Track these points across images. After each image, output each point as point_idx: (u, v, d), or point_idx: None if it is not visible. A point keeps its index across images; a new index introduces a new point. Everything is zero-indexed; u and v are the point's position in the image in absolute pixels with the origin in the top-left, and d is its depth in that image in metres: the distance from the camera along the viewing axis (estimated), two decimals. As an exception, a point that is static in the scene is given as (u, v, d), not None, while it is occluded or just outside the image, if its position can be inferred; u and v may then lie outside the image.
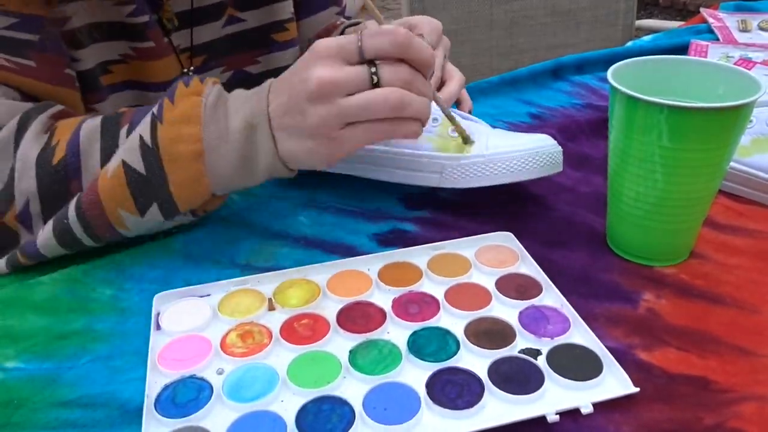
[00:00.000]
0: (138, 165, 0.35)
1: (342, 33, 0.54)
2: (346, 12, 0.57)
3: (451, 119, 0.41)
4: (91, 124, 0.37)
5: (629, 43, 0.77)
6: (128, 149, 0.35)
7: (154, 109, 0.36)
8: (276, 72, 0.52)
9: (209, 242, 0.41)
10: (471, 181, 0.41)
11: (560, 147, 0.43)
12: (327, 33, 0.55)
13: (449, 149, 0.42)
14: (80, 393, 0.30)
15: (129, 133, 0.36)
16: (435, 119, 0.42)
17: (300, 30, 0.54)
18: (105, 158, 0.36)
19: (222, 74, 0.50)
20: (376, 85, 0.32)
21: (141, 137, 0.35)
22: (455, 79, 0.47)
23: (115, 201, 0.35)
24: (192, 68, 0.48)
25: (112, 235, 0.37)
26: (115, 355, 0.32)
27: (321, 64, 0.32)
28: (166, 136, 0.34)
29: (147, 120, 0.35)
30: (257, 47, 0.51)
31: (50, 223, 0.37)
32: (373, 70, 0.32)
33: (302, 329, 0.32)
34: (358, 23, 0.55)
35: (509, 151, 0.41)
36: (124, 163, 0.35)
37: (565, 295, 0.34)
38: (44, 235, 0.37)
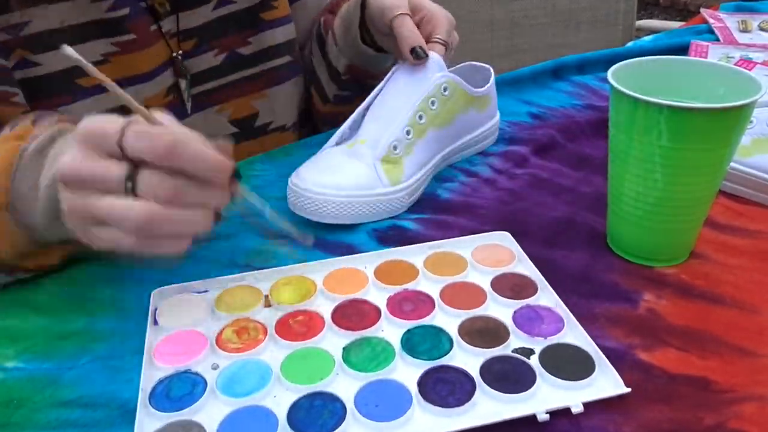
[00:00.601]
0: None
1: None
2: None
3: (276, 222, 0.32)
4: None
5: (629, 44, 0.77)
6: None
7: None
8: (268, 51, 0.52)
9: (209, 242, 0.41)
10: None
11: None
12: (336, 5, 0.53)
13: None
14: (80, 393, 0.30)
15: None
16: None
17: (294, 11, 0.54)
18: None
19: (216, 57, 0.50)
20: (133, 191, 0.27)
21: None
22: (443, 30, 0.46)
23: None
24: (180, 52, 0.47)
25: None
26: (115, 355, 0.32)
27: (76, 149, 0.28)
28: None
29: None
30: (247, 28, 0.51)
31: None
32: (129, 180, 0.27)
33: (297, 326, 0.33)
34: None
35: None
36: None
37: (565, 295, 0.34)
38: None
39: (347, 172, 0.41)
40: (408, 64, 0.45)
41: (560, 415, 0.28)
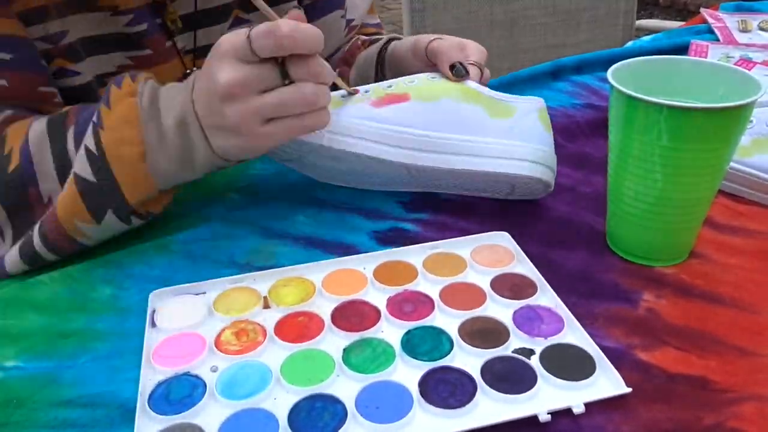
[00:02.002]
0: (87, 174, 0.36)
1: (367, 46, 0.54)
2: (354, 16, 0.57)
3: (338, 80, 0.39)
4: (38, 129, 0.38)
5: (629, 44, 0.77)
6: (78, 160, 0.36)
7: (94, 117, 0.36)
8: None
9: (209, 241, 0.41)
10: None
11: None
12: (351, 55, 0.55)
13: None
14: (80, 392, 0.30)
15: (75, 134, 0.37)
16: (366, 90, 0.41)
17: None
18: (57, 162, 0.37)
19: None
20: (290, 82, 0.33)
21: (86, 147, 0.36)
22: (476, 59, 0.45)
23: (71, 214, 0.36)
24: (195, 68, 0.48)
25: (73, 248, 0.38)
26: (115, 355, 0.32)
27: (224, 66, 0.33)
28: (109, 140, 0.35)
29: (89, 129, 0.36)
30: None
31: (16, 247, 0.38)
32: (285, 77, 0.33)
33: (296, 327, 0.32)
34: (375, 39, 0.54)
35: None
36: (75, 175, 0.36)
37: (564, 295, 0.34)
38: (11, 258, 0.38)
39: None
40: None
41: (560, 414, 0.28)
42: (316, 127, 0.35)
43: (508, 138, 0.41)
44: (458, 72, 0.42)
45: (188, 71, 0.48)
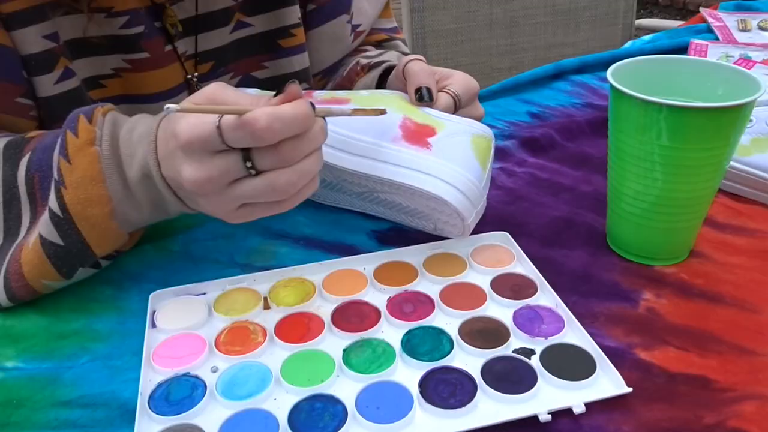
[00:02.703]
0: (54, 237, 0.34)
1: (367, 71, 0.50)
2: (361, 21, 0.55)
3: (354, 114, 0.33)
4: None
5: (628, 43, 0.76)
6: (42, 223, 0.34)
7: (55, 173, 0.34)
8: (283, 78, 0.51)
9: (209, 242, 0.41)
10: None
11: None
12: (350, 81, 0.52)
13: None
14: (80, 393, 0.30)
15: (29, 161, 0.35)
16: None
17: (310, 40, 0.53)
18: (4, 187, 0.35)
19: (231, 80, 0.50)
20: (255, 171, 0.30)
21: (50, 209, 0.34)
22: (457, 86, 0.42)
23: (39, 275, 0.34)
24: (196, 75, 0.47)
25: (32, 297, 0.36)
26: (115, 355, 0.32)
27: (188, 162, 0.30)
28: (74, 201, 0.33)
29: (51, 188, 0.34)
30: (264, 52, 0.51)
31: None
32: (248, 160, 0.30)
33: (297, 328, 0.32)
34: (375, 64, 0.50)
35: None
36: (41, 237, 0.34)
37: (565, 295, 0.34)
38: None
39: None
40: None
41: (560, 414, 0.28)
42: (293, 205, 0.32)
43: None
44: (421, 96, 0.39)
45: (189, 76, 0.47)
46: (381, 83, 0.47)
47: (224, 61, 0.48)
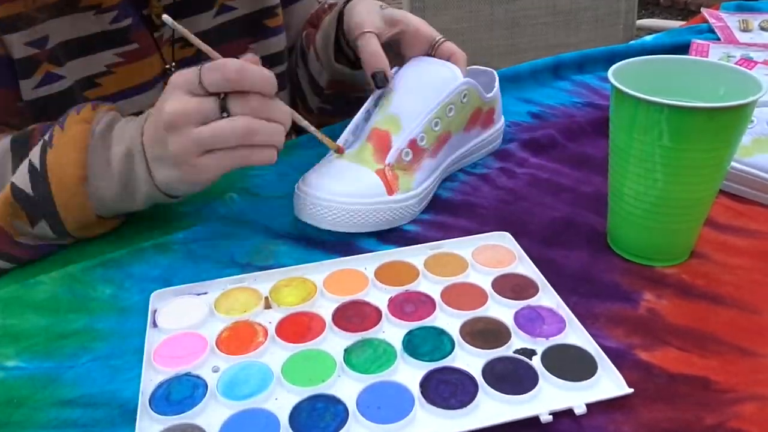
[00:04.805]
0: (25, 186, 0.36)
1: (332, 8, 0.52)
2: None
3: (316, 133, 0.40)
4: (1, 148, 0.39)
5: (630, 43, 0.76)
6: (19, 171, 0.37)
7: (46, 135, 0.37)
8: (269, 59, 0.52)
9: (209, 241, 0.41)
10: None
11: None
12: (317, 19, 0.53)
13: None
14: (80, 392, 0.30)
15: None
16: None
17: (285, 18, 0.53)
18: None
19: None
20: (228, 116, 0.34)
21: (30, 161, 0.37)
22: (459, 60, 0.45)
23: (6, 214, 0.37)
24: (174, 64, 0.47)
25: (10, 246, 0.38)
26: (116, 355, 0.32)
27: (172, 97, 0.34)
28: (54, 159, 0.36)
29: (38, 145, 0.37)
30: (249, 35, 0.51)
31: None
32: (224, 111, 0.34)
33: (298, 328, 0.32)
34: (332, 4, 0.53)
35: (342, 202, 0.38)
36: (12, 185, 0.37)
37: (565, 295, 0.34)
38: None
39: (356, 179, 0.40)
40: (415, 66, 0.44)
41: (561, 414, 0.28)
42: (254, 161, 0.35)
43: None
44: (377, 82, 0.42)
45: (167, 66, 0.47)
46: (339, 22, 0.48)
47: (209, 45, 0.49)
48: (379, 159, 0.41)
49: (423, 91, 0.43)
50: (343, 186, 0.39)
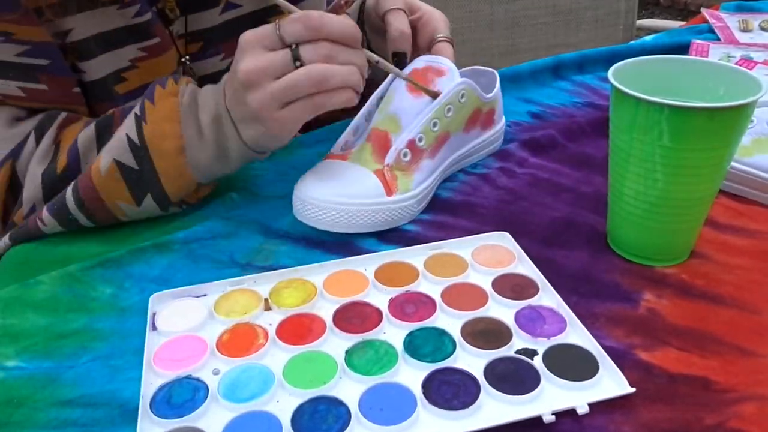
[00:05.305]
0: (130, 162, 0.39)
1: (351, 3, 0.53)
2: None
3: (410, 80, 0.41)
4: (88, 132, 0.41)
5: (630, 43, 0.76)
6: (118, 148, 0.39)
7: (137, 110, 0.39)
8: None
9: (209, 241, 0.41)
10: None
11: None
12: (334, 13, 0.54)
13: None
14: (80, 392, 0.30)
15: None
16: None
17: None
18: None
19: (222, 61, 0.50)
20: (301, 65, 0.35)
21: (128, 137, 0.39)
22: (439, 26, 0.46)
23: (113, 194, 0.39)
24: (188, 57, 0.48)
25: (110, 220, 0.41)
26: (116, 355, 0.32)
27: (246, 55, 0.35)
28: (151, 133, 0.38)
29: (132, 120, 0.39)
30: None
31: (47, 213, 0.40)
32: (297, 60, 0.35)
33: (298, 329, 0.32)
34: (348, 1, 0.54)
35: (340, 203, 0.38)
36: (117, 161, 0.39)
37: (565, 295, 0.34)
38: (46, 222, 0.40)
39: (354, 180, 0.40)
40: (415, 69, 0.44)
41: (561, 414, 0.28)
42: (333, 105, 0.36)
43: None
44: (398, 62, 0.43)
45: (182, 58, 0.48)
46: (360, 15, 0.50)
47: (213, 41, 0.49)
48: (378, 159, 0.41)
49: (416, 92, 0.43)
50: (342, 187, 0.39)
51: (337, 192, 0.39)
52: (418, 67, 0.44)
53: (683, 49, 0.67)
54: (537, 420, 0.27)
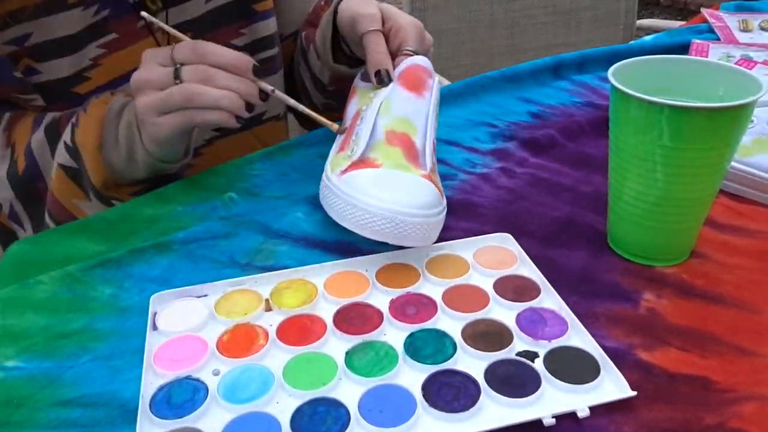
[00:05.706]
0: (70, 162, 0.43)
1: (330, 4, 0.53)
2: None
3: (307, 112, 0.42)
4: (38, 137, 0.45)
5: (630, 43, 0.76)
6: (60, 155, 0.44)
7: (73, 119, 0.44)
8: (261, 41, 0.53)
9: (209, 241, 0.41)
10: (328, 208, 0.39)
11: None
12: (316, 18, 0.54)
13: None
14: (80, 392, 0.30)
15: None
16: None
17: (279, 2, 0.55)
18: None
19: None
20: (181, 83, 0.39)
21: (65, 142, 0.44)
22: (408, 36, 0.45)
23: (65, 194, 0.44)
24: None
25: (69, 218, 0.45)
26: (115, 355, 0.32)
27: (142, 66, 0.40)
28: (80, 135, 0.43)
29: (69, 129, 0.44)
30: (240, 19, 0.52)
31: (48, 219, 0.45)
32: (177, 78, 0.39)
33: (299, 330, 0.32)
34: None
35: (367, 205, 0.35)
36: (61, 165, 0.44)
37: (565, 295, 0.34)
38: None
39: (407, 185, 0.35)
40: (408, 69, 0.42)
41: (562, 415, 0.28)
42: (199, 122, 0.40)
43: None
44: (381, 80, 0.42)
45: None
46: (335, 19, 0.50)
47: (201, 31, 0.50)
48: (415, 164, 0.37)
49: (415, 95, 0.41)
50: (400, 195, 0.35)
51: (394, 200, 0.34)
52: (411, 67, 0.42)
53: (683, 48, 0.67)
54: (539, 422, 0.27)
